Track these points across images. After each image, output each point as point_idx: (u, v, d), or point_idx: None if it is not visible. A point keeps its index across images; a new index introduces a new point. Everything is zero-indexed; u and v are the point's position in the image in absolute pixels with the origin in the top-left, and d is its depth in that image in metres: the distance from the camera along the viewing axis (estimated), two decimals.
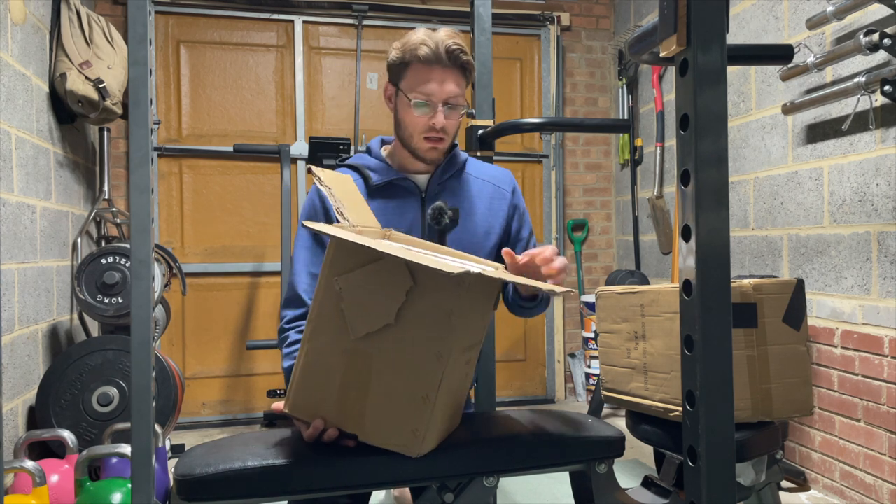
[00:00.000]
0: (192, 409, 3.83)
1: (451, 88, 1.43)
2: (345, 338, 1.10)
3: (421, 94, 1.43)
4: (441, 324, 1.08)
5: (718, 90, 0.83)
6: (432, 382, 1.09)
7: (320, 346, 1.12)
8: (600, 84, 4.48)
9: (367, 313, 1.08)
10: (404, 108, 1.46)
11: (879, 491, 2.37)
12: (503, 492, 2.66)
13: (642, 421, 1.53)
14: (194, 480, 1.10)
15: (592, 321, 3.81)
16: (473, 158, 1.64)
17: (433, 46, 1.41)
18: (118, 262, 2.77)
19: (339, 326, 1.10)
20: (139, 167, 1.10)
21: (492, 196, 1.57)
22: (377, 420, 1.12)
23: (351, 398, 1.12)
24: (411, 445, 1.11)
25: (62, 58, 2.89)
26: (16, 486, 2.19)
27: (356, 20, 4.06)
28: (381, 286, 1.07)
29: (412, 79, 1.43)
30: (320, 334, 1.12)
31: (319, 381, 1.13)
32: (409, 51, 1.42)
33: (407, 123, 1.46)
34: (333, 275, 1.09)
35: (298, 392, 1.14)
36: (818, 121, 2.66)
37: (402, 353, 1.09)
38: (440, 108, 1.43)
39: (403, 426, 1.11)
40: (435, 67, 1.42)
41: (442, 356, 1.09)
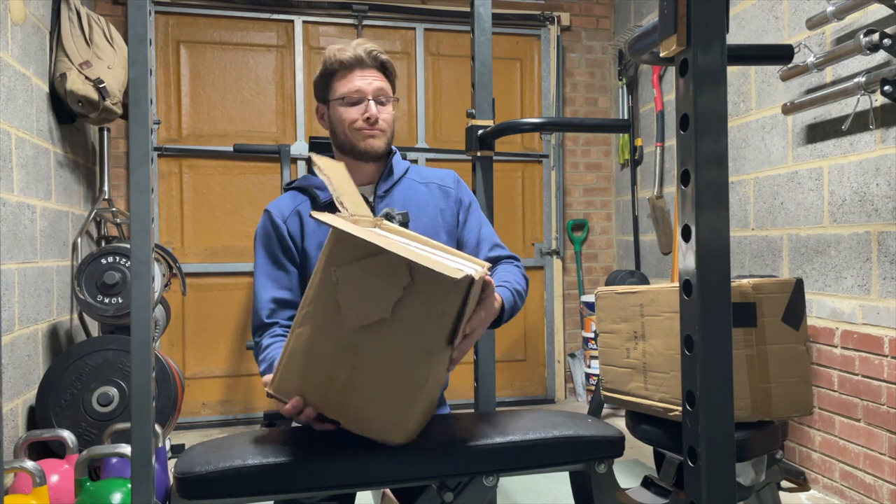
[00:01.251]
0: (192, 409, 3.83)
1: (378, 84, 1.51)
2: (337, 328, 1.10)
3: (349, 92, 1.50)
4: (434, 322, 1.09)
5: (718, 90, 0.83)
6: (420, 377, 1.11)
7: (311, 332, 1.12)
8: (600, 84, 4.48)
9: (363, 306, 1.09)
10: (336, 113, 1.52)
11: (879, 491, 2.37)
12: (503, 492, 2.66)
13: (642, 421, 1.53)
14: (194, 478, 1.10)
15: (592, 321, 3.81)
16: (416, 165, 1.67)
17: (351, 51, 1.50)
18: (118, 262, 2.77)
19: (332, 316, 1.10)
20: (139, 167, 1.10)
21: (438, 196, 1.59)
22: (361, 409, 1.13)
23: (337, 386, 1.12)
24: (393, 434, 1.14)
25: (62, 58, 2.89)
26: (16, 486, 2.19)
27: (356, 20, 4.06)
28: (380, 280, 1.08)
29: (339, 84, 1.52)
30: (312, 321, 1.12)
31: (306, 366, 1.13)
32: (330, 62, 1.52)
33: (341, 125, 1.52)
34: (332, 265, 1.10)
35: (284, 374, 1.15)
36: (818, 121, 2.66)
37: (393, 347, 1.10)
38: (370, 100, 1.50)
39: (388, 417, 1.13)
40: (356, 69, 1.51)
41: (432, 353, 1.11)
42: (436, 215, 1.56)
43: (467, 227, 1.59)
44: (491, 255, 1.56)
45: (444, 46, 4.23)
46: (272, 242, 1.50)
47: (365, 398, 1.12)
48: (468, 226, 1.59)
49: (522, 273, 1.54)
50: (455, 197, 1.60)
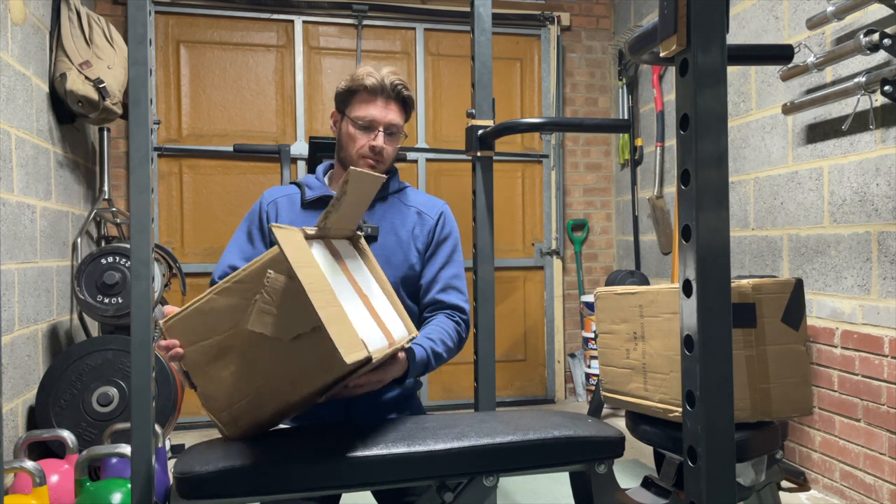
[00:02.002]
0: (192, 409, 3.83)
1: (393, 117, 1.59)
2: (241, 318, 1.17)
3: (365, 118, 1.58)
4: (318, 371, 1.16)
5: (718, 90, 0.83)
6: (281, 392, 1.19)
7: (219, 306, 1.19)
8: (600, 84, 4.48)
9: (272, 318, 1.15)
10: (347, 130, 1.60)
11: (879, 491, 2.37)
12: (503, 492, 2.66)
13: (642, 421, 1.53)
14: (194, 478, 1.10)
15: (592, 321, 3.81)
16: (414, 189, 1.73)
17: (379, 79, 1.57)
18: (118, 262, 2.77)
19: (243, 307, 1.17)
20: (139, 167, 1.10)
21: (415, 222, 1.64)
22: (219, 386, 1.20)
23: (213, 355, 1.20)
24: (227, 427, 1.21)
25: (62, 58, 2.89)
26: (16, 486, 2.19)
27: (356, 20, 4.06)
28: (297, 308, 1.13)
29: (358, 104, 1.59)
30: (226, 297, 1.19)
31: (201, 329, 1.20)
32: (356, 80, 1.58)
33: (348, 144, 1.60)
34: (270, 267, 1.16)
35: (181, 323, 1.21)
36: (818, 121, 2.66)
37: (273, 360, 1.18)
38: (380, 132, 1.58)
39: (236, 406, 1.21)
40: (379, 98, 1.58)
41: (297, 386, 1.18)
42: (408, 238, 1.62)
43: (431, 262, 1.64)
44: (438, 297, 1.61)
45: (444, 46, 4.23)
46: (252, 219, 1.64)
47: (227, 379, 1.19)
48: (433, 260, 1.64)
49: (459, 329, 1.59)
50: (430, 226, 1.65)
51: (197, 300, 1.21)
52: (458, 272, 1.65)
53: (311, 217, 1.59)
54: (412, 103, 1.65)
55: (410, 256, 1.61)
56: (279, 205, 1.63)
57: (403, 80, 1.61)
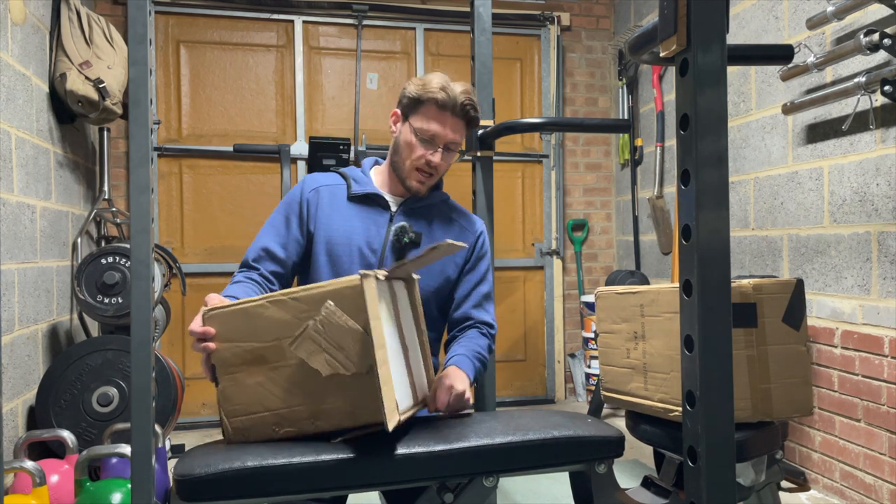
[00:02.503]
0: (192, 409, 3.83)
1: (455, 136, 1.59)
2: (286, 332, 1.18)
3: (428, 132, 1.56)
4: (349, 411, 1.19)
5: (718, 90, 0.83)
6: (291, 425, 1.21)
7: (269, 315, 1.20)
8: (600, 84, 4.48)
9: (320, 350, 1.16)
10: (407, 137, 1.59)
11: (879, 491, 2.37)
12: (503, 492, 2.66)
13: (642, 421, 1.53)
14: (194, 480, 1.10)
15: (592, 321, 3.81)
16: (454, 201, 1.74)
17: (451, 95, 1.55)
18: (118, 262, 2.77)
19: (292, 324, 1.18)
20: (139, 167, 1.10)
21: (457, 234, 1.65)
22: (242, 394, 1.22)
23: (244, 361, 1.21)
24: (235, 433, 1.23)
25: (62, 58, 2.89)
26: (16, 486, 2.19)
27: (356, 20, 4.06)
28: (347, 350, 1.15)
29: (424, 115, 1.57)
30: (279, 311, 1.20)
31: (243, 331, 1.21)
32: (428, 91, 1.56)
33: (405, 151, 1.59)
34: (329, 298, 1.16)
35: (224, 317, 1.23)
36: (818, 121, 2.66)
37: (301, 392, 1.19)
38: (440, 149, 1.58)
39: (249, 419, 1.22)
40: (447, 113, 1.56)
41: (317, 421, 1.20)
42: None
43: (468, 277, 1.65)
44: (471, 313, 1.63)
45: (444, 46, 4.23)
46: (292, 204, 1.62)
47: (252, 389, 1.20)
48: (470, 276, 1.66)
49: (490, 346, 1.63)
50: (471, 242, 1.67)
51: (247, 301, 1.23)
52: (491, 291, 1.68)
53: (354, 211, 1.59)
54: (477, 123, 1.65)
55: (448, 269, 1.62)
56: (321, 195, 1.61)
57: (474, 99, 1.60)
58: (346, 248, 1.56)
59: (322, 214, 1.59)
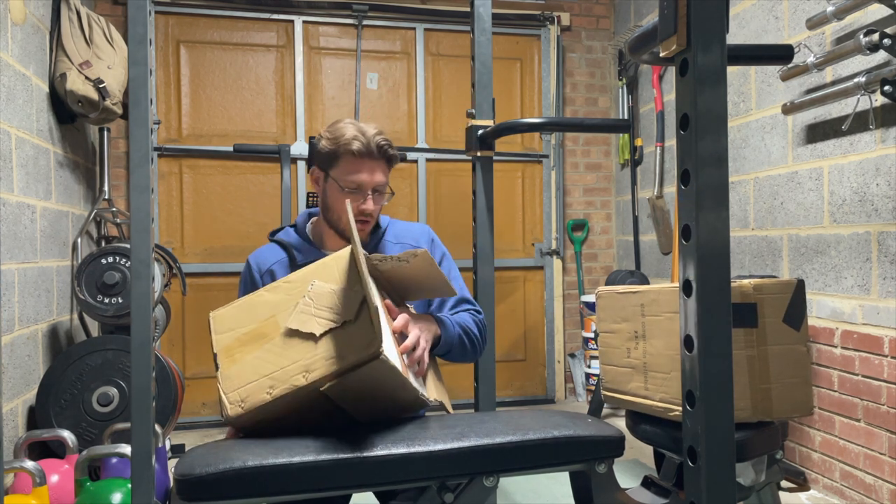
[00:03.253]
0: (192, 409, 3.83)
1: (379, 178, 1.57)
2: (280, 309, 1.28)
3: (353, 183, 1.55)
4: (339, 353, 1.23)
5: (718, 90, 0.83)
6: (283, 382, 1.23)
7: (266, 300, 1.29)
8: (600, 84, 4.48)
9: (310, 317, 1.24)
10: (334, 194, 1.58)
11: (879, 491, 2.37)
12: (503, 492, 2.66)
13: (642, 421, 1.53)
14: (194, 480, 1.10)
15: (592, 321, 3.81)
16: (393, 221, 1.71)
17: (365, 142, 1.53)
18: (118, 262, 2.77)
19: (286, 301, 1.28)
20: (139, 167, 1.10)
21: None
22: (238, 368, 1.26)
23: (244, 342, 1.28)
24: (232, 405, 1.26)
25: (62, 58, 2.89)
26: (16, 486, 2.19)
27: (356, 20, 4.06)
28: (334, 307, 1.24)
29: (343, 168, 1.55)
30: (275, 294, 1.30)
31: (244, 317, 1.30)
32: (342, 144, 1.54)
33: (336, 206, 1.58)
34: (314, 277, 1.29)
35: (230, 312, 1.33)
36: (818, 121, 2.66)
37: (294, 352, 1.24)
38: (369, 195, 1.56)
39: (244, 388, 1.25)
40: (365, 160, 1.55)
41: (308, 371, 1.23)
42: None
43: None
44: (455, 312, 1.62)
45: (444, 46, 4.23)
46: (249, 290, 1.60)
47: (248, 362, 1.26)
48: None
49: (477, 321, 1.61)
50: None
51: (248, 295, 1.33)
52: (462, 285, 1.66)
53: None
54: (396, 160, 1.63)
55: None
56: (276, 274, 1.59)
57: (388, 139, 1.58)
58: None
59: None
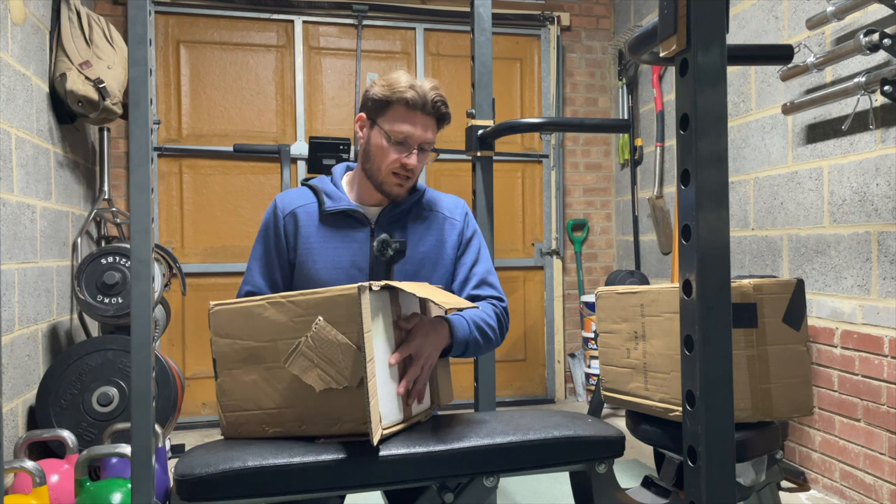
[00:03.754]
0: (192, 409, 3.83)
1: (428, 135, 1.52)
2: (282, 335, 1.20)
3: (400, 134, 1.49)
4: (335, 419, 1.21)
5: (718, 90, 0.83)
6: (280, 426, 1.24)
7: (269, 316, 1.21)
8: (600, 84, 4.48)
9: (312, 366, 1.17)
10: (378, 142, 1.51)
11: (879, 491, 2.37)
12: (503, 492, 2.66)
13: (642, 421, 1.53)
14: (194, 480, 1.10)
15: (592, 321, 3.81)
16: (430, 190, 1.66)
17: (421, 93, 1.48)
18: (118, 262, 2.77)
19: (288, 327, 1.20)
20: (139, 167, 1.10)
21: (441, 226, 1.59)
22: (237, 390, 1.25)
23: (242, 359, 1.24)
24: (229, 427, 1.27)
25: (62, 58, 2.89)
26: (16, 486, 2.19)
27: (356, 20, 4.06)
28: (337, 363, 1.16)
29: (393, 117, 1.50)
30: (278, 312, 1.21)
31: (244, 329, 1.24)
32: (396, 92, 1.48)
33: (378, 156, 1.52)
34: (320, 313, 1.17)
35: (229, 314, 1.26)
36: (818, 121, 2.66)
37: (292, 397, 1.22)
38: (414, 150, 1.51)
39: (242, 415, 1.26)
40: (417, 113, 1.49)
41: (304, 425, 1.23)
42: (436, 245, 1.57)
43: (462, 261, 1.59)
44: (473, 293, 1.57)
45: (444, 46, 4.23)
46: (269, 234, 1.56)
47: (247, 386, 1.24)
48: (463, 259, 1.60)
49: (498, 313, 1.54)
50: (459, 230, 1.60)
51: (249, 301, 1.25)
52: (490, 267, 1.61)
53: (332, 232, 1.52)
54: (449, 120, 1.57)
55: (442, 261, 1.56)
56: (298, 218, 1.54)
57: (443, 96, 1.53)
58: (331, 274, 1.49)
59: (302, 242, 1.52)
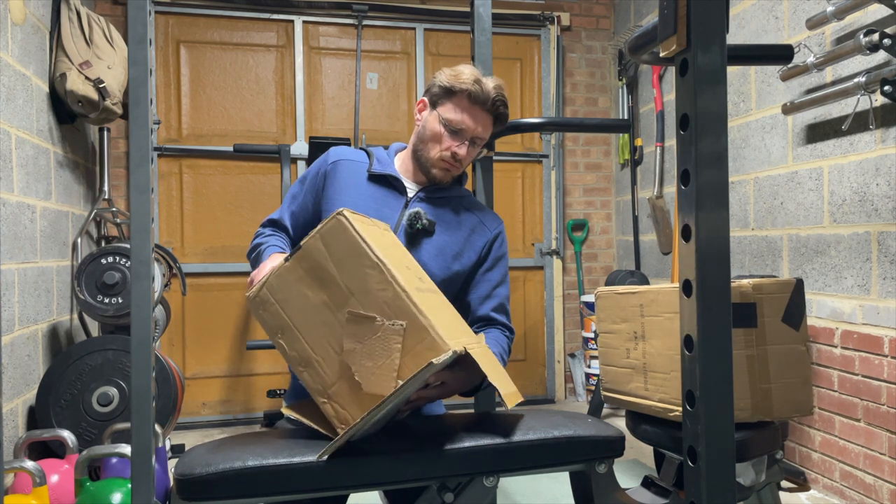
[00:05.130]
0: (192, 409, 3.83)
1: (483, 131, 1.56)
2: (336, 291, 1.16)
3: (457, 123, 1.53)
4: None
5: (718, 90, 0.83)
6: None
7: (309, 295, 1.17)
8: (600, 84, 4.48)
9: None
10: (434, 127, 1.55)
11: (879, 491, 2.37)
12: (503, 492, 2.66)
13: (642, 421, 1.53)
14: (194, 480, 1.10)
15: (592, 321, 3.81)
16: (474, 197, 1.70)
17: (484, 90, 1.52)
18: (118, 262, 2.77)
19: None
20: (139, 167, 1.10)
21: (473, 228, 1.61)
22: (305, 343, 1.20)
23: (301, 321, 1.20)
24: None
25: (62, 58, 2.89)
26: (16, 486, 2.19)
27: (356, 20, 4.06)
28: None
29: (454, 106, 1.54)
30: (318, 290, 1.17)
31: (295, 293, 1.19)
32: (461, 82, 1.53)
33: (431, 140, 1.56)
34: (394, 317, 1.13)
35: (278, 279, 1.21)
36: (818, 121, 2.66)
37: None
38: (466, 142, 1.54)
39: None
40: (477, 107, 1.53)
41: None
42: (462, 240, 1.58)
43: (488, 276, 1.60)
44: (492, 315, 1.59)
45: (444, 46, 4.23)
46: (310, 176, 1.63)
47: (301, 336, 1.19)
48: (490, 275, 1.61)
49: (508, 346, 1.58)
50: (489, 239, 1.62)
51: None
52: (509, 293, 1.65)
53: (371, 191, 1.57)
54: (505, 121, 1.60)
55: (462, 259, 1.57)
56: (339, 169, 1.59)
57: (505, 97, 1.56)
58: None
59: (332, 191, 1.56)
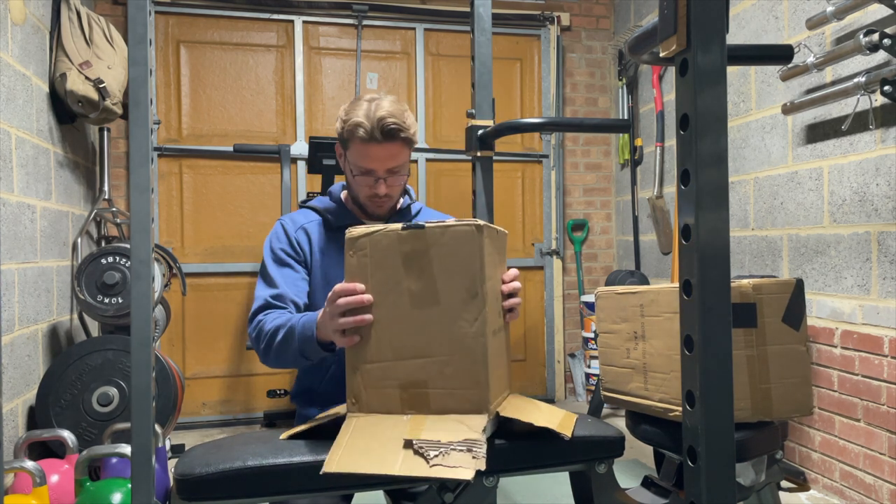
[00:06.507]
0: (192, 409, 3.83)
1: (391, 162, 1.52)
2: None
3: (364, 166, 1.51)
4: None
5: (718, 90, 0.83)
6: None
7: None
8: (600, 84, 4.48)
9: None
10: (348, 172, 1.58)
11: (879, 491, 2.37)
12: (503, 492, 2.66)
13: (642, 421, 1.53)
14: (194, 480, 1.10)
15: (592, 321, 3.81)
16: (426, 209, 1.69)
17: (369, 128, 1.47)
18: (118, 262, 2.77)
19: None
20: (139, 167, 1.10)
21: None
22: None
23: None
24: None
25: (62, 58, 2.89)
26: (16, 486, 2.19)
27: (356, 20, 4.06)
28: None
29: (354, 152, 1.52)
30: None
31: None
32: (348, 127, 1.50)
33: (353, 186, 1.58)
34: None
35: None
36: (818, 121, 2.66)
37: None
38: (381, 179, 1.52)
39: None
40: (373, 145, 1.49)
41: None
42: None
43: None
44: None
45: (444, 46, 4.23)
46: (281, 243, 1.56)
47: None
48: None
49: None
50: None
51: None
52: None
53: (337, 246, 1.52)
54: (412, 139, 1.54)
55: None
56: (309, 233, 1.57)
57: (399, 120, 1.49)
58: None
59: (315, 257, 1.55)
